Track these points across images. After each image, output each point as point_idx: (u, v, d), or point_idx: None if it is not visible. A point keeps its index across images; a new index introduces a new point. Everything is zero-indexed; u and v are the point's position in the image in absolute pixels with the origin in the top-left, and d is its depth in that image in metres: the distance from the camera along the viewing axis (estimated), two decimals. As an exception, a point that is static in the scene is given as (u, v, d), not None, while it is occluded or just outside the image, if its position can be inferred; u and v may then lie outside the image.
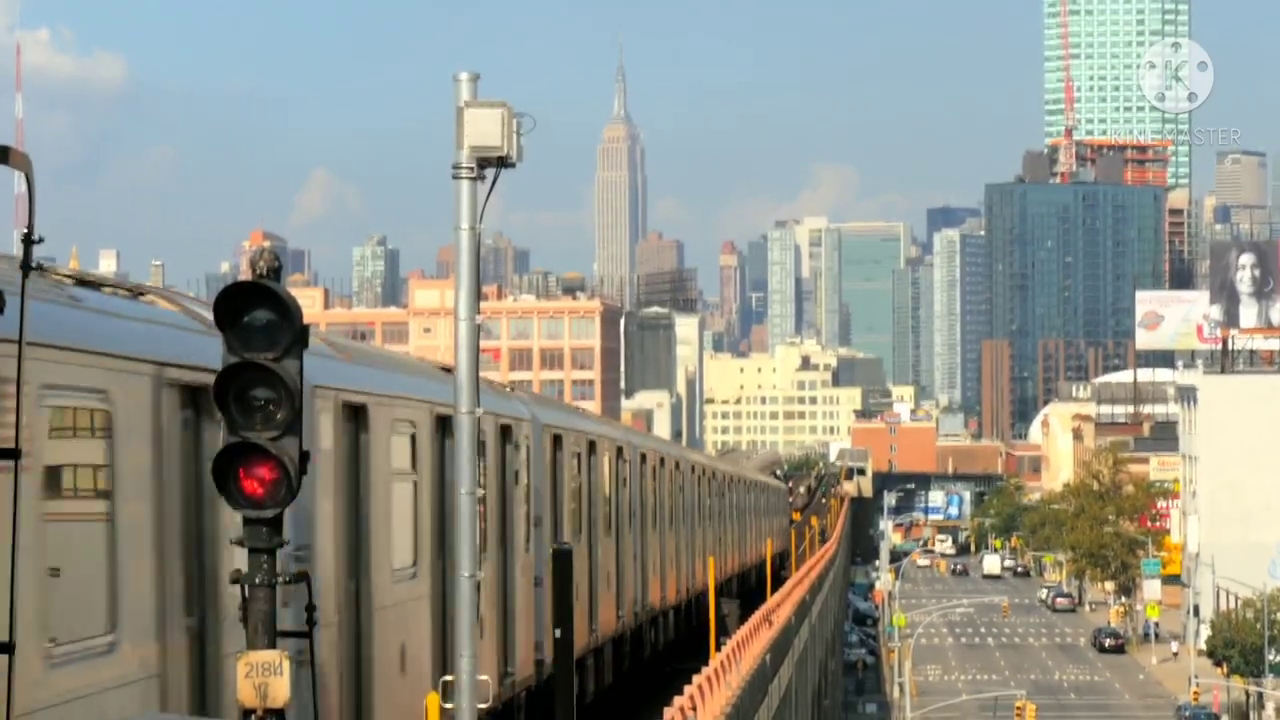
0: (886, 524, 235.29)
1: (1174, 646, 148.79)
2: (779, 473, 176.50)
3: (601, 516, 33.79)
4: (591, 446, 32.94)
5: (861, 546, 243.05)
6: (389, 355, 23.24)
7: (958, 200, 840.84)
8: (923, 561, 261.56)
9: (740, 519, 67.07)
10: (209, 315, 14.03)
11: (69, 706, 12.36)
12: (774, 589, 60.37)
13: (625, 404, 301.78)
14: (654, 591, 40.68)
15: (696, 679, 32.08)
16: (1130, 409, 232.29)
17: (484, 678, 18.89)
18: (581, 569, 30.83)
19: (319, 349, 17.86)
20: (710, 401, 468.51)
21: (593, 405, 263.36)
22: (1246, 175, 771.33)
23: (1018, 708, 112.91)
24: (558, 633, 24.45)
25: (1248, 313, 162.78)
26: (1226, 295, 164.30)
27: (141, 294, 15.60)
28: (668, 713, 28.72)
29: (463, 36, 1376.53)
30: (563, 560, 25.20)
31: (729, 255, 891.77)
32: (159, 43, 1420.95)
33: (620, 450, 36.23)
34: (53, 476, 12.50)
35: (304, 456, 14.46)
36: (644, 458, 39.97)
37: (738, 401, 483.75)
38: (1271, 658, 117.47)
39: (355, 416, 18.22)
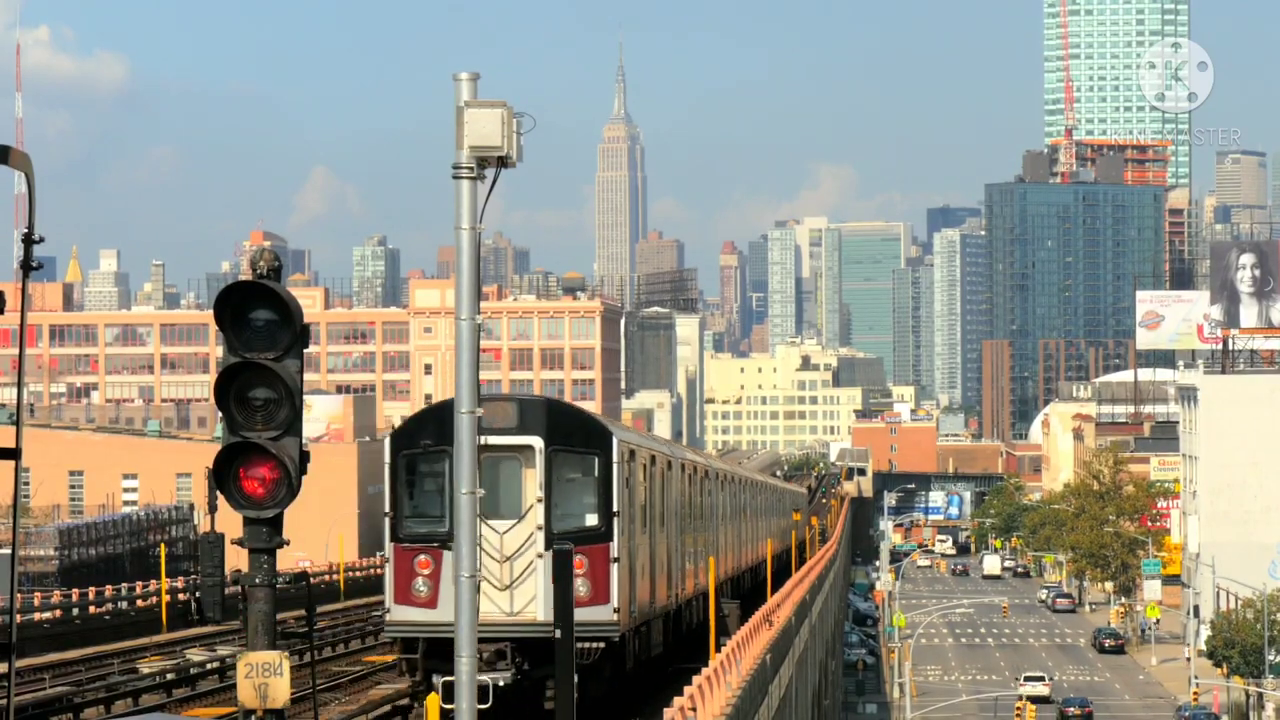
0: (886, 524, 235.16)
1: (1186, 653, 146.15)
2: (779, 473, 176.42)
3: (680, 514, 45.14)
4: (668, 464, 43.31)
5: (861, 546, 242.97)
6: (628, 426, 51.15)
7: (958, 200, 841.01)
8: (923, 561, 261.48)
9: (768, 517, 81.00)
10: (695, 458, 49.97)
11: None
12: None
13: (626, 404, 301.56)
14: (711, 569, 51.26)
15: (696, 679, 32.09)
16: (1131, 409, 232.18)
17: (484, 679, 18.93)
18: (671, 549, 43.04)
19: (614, 425, 38.12)
20: (711, 401, 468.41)
21: (593, 405, 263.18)
22: (1246, 175, 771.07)
23: (1017, 708, 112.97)
24: (557, 633, 24.42)
25: (1248, 313, 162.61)
26: (1227, 295, 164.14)
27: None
28: (668, 713, 28.73)
29: (463, 36, 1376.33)
30: (563, 560, 25.16)
31: (729, 255, 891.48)
32: (160, 43, 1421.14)
33: (682, 466, 46.78)
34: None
35: (304, 456, 14.41)
36: (696, 469, 50.96)
37: (738, 401, 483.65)
38: (1271, 658, 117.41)
39: (632, 455, 37.12)
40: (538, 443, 34.64)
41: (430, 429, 34.94)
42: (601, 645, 34.92)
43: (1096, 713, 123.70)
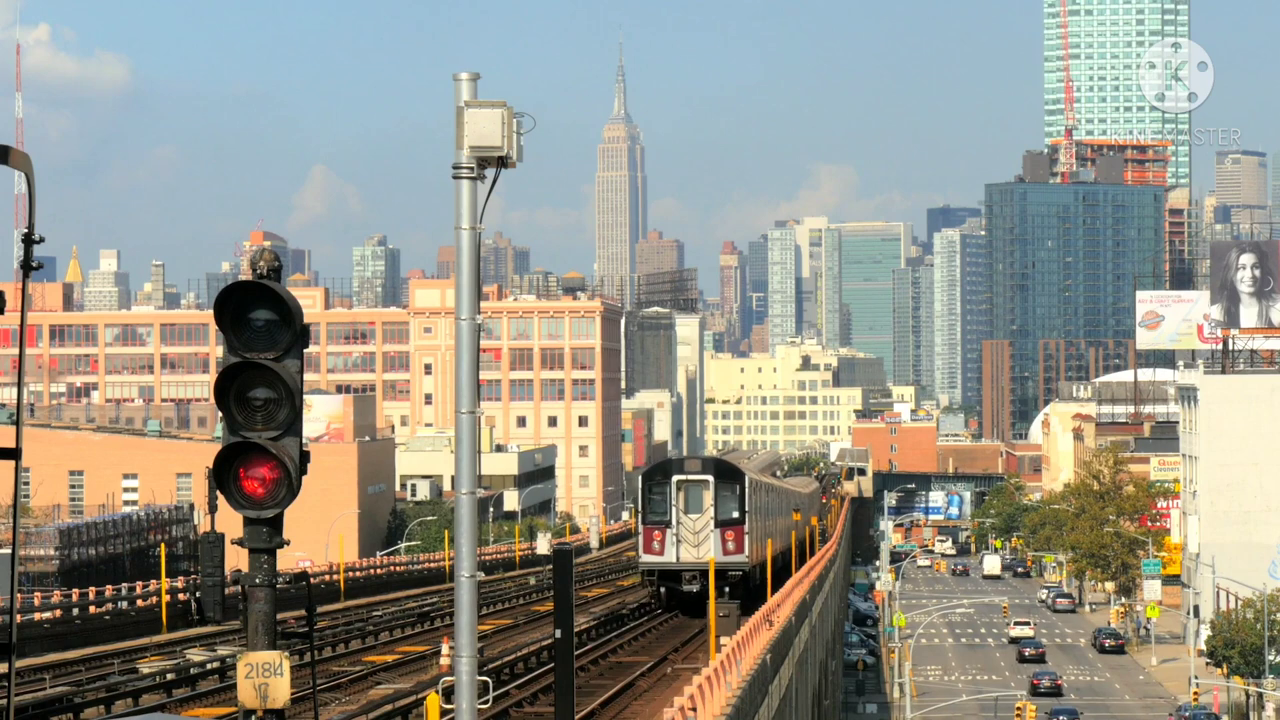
0: (887, 524, 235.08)
1: (1192, 651, 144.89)
2: (778, 474, 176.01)
3: (762, 510, 75.31)
4: (759, 484, 75.04)
5: (862, 546, 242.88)
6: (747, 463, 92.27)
7: (958, 200, 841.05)
8: (923, 562, 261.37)
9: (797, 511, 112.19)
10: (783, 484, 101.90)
11: None
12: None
13: (626, 404, 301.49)
14: (776, 543, 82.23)
15: (696, 679, 32.08)
16: (1131, 409, 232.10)
17: (484, 679, 18.96)
18: (762, 531, 74.59)
19: (745, 467, 78.69)
20: (711, 401, 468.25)
21: (593, 405, 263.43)
22: (1246, 175, 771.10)
23: (1018, 708, 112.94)
24: (558, 633, 24.39)
25: (1248, 313, 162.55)
26: (1227, 295, 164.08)
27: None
28: (668, 713, 28.72)
29: (463, 36, 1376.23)
30: (563, 560, 25.15)
31: (729, 255, 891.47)
32: (161, 43, 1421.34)
33: (761, 484, 77.53)
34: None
35: (304, 456, 14.38)
36: (766, 485, 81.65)
37: (738, 401, 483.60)
38: (1271, 658, 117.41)
39: (750, 482, 72.18)
40: (710, 478, 70.23)
41: (658, 471, 71.41)
42: (740, 574, 69.38)
43: (1097, 713, 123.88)
